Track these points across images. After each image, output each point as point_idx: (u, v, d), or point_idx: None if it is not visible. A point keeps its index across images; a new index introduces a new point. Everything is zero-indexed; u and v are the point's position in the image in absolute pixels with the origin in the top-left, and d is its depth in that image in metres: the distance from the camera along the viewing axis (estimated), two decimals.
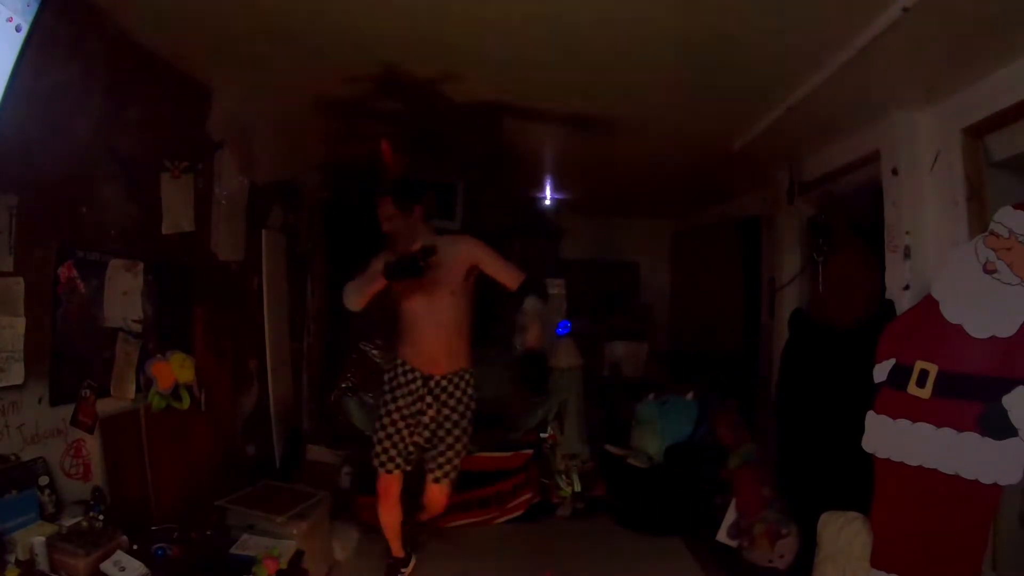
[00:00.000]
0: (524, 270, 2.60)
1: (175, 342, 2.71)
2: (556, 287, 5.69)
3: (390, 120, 3.45)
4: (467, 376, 2.69)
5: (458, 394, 2.65)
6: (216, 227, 3.11)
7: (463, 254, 2.55)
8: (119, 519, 2.08)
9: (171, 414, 2.63)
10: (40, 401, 2.02)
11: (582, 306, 5.83)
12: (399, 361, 2.67)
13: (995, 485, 2.08)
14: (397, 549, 2.91)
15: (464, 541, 3.64)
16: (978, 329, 2.16)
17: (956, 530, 2.16)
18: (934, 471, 2.19)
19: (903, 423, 2.28)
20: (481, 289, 2.80)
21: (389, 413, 2.63)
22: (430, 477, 2.74)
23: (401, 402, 2.61)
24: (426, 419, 2.63)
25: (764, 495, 3.18)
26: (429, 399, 2.62)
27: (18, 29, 1.49)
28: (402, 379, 2.64)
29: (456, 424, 2.65)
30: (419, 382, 2.60)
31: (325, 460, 3.96)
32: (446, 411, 2.62)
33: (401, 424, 2.63)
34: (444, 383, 2.62)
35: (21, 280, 1.92)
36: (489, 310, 5.69)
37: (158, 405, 2.56)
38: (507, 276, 2.57)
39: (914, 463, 2.24)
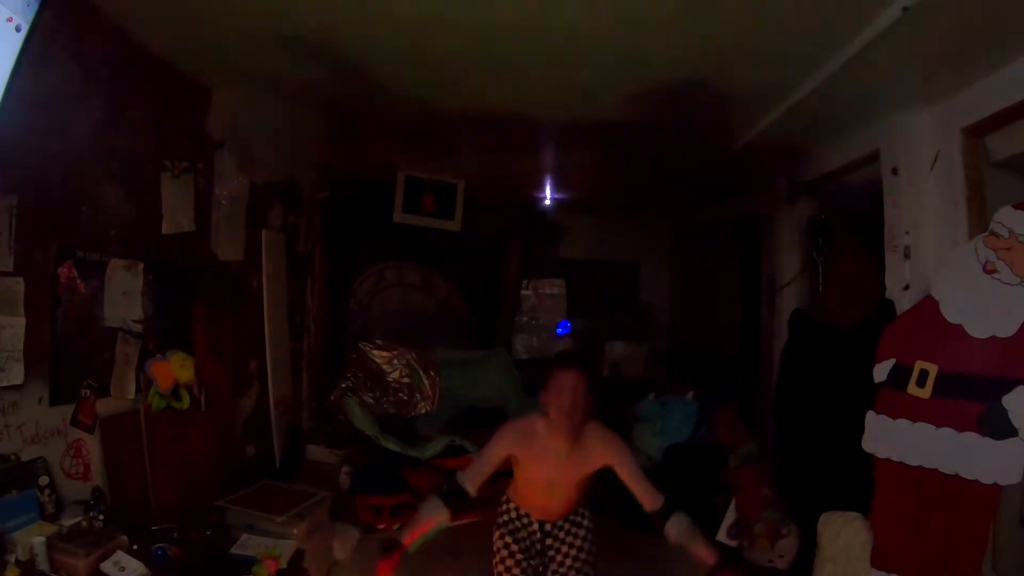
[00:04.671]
0: (659, 493, 2.14)
1: (175, 342, 2.71)
2: (556, 287, 5.71)
3: (390, 121, 3.45)
4: (584, 512, 2.33)
5: (579, 532, 2.30)
6: (216, 227, 3.11)
7: (602, 454, 2.16)
8: (119, 519, 2.08)
9: (171, 414, 2.63)
10: (40, 401, 2.02)
11: (582, 306, 5.84)
12: (511, 503, 2.34)
13: (995, 485, 2.08)
14: None
15: (464, 541, 3.64)
16: (978, 329, 2.16)
17: (956, 530, 2.16)
18: (934, 471, 2.19)
19: (903, 423, 2.28)
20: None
21: (503, 560, 2.27)
22: None
23: (515, 547, 2.26)
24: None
25: (764, 495, 3.18)
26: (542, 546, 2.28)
27: (18, 29, 1.49)
28: (517, 523, 2.30)
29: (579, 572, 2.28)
30: (534, 526, 2.28)
31: (325, 460, 3.97)
32: (568, 561, 2.25)
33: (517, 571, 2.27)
34: (561, 523, 2.28)
35: (21, 280, 1.92)
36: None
37: (158, 405, 2.56)
38: (644, 493, 2.14)
39: (914, 463, 2.24)
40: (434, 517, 2.15)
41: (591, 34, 2.27)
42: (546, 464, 2.13)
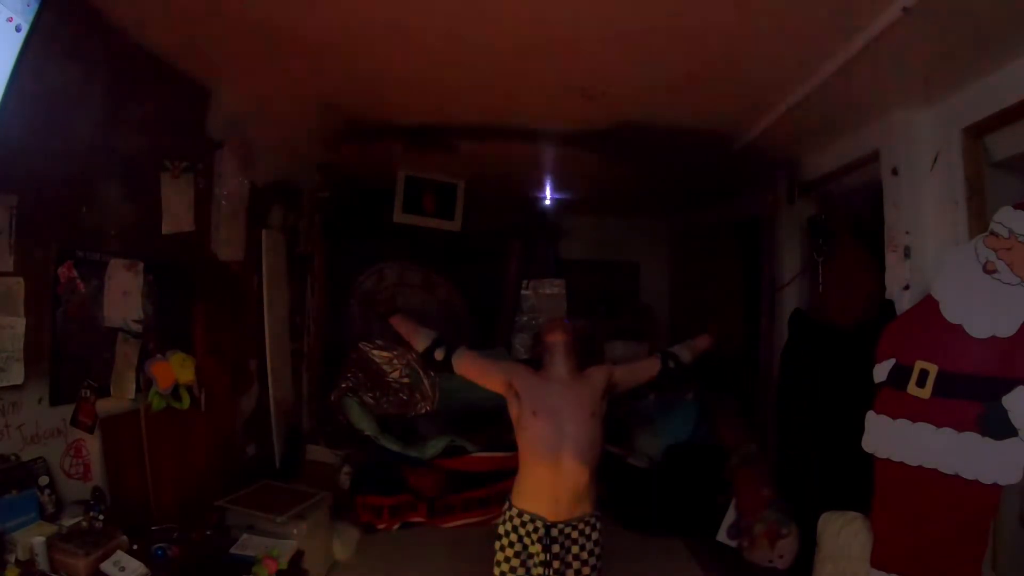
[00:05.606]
0: (658, 355, 2.41)
1: (175, 342, 2.71)
2: (556, 287, 5.70)
3: (391, 121, 3.45)
4: (594, 521, 2.23)
5: (587, 544, 2.18)
6: (216, 227, 3.11)
7: (599, 373, 2.27)
8: (119, 519, 2.08)
9: (171, 414, 2.62)
10: (40, 401, 2.02)
11: (582, 306, 5.83)
12: (514, 509, 2.21)
13: (995, 485, 2.08)
14: None
15: (464, 541, 3.64)
16: (978, 329, 2.16)
17: (956, 530, 2.16)
18: (934, 471, 2.19)
19: (903, 423, 2.28)
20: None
21: (504, 573, 2.19)
22: None
23: (516, 560, 2.15)
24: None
25: (764, 495, 3.18)
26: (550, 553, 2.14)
27: (18, 29, 1.50)
28: (521, 530, 2.17)
29: None
30: (540, 531, 2.14)
31: (325, 460, 3.97)
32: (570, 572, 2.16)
33: None
34: (568, 531, 2.15)
35: (21, 280, 1.92)
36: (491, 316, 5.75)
37: (158, 405, 2.56)
38: (647, 370, 2.36)
39: (914, 463, 2.24)
40: (419, 341, 2.38)
41: (591, 32, 2.27)
42: (550, 393, 2.17)
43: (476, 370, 2.34)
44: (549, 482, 2.13)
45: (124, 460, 2.39)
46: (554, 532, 2.13)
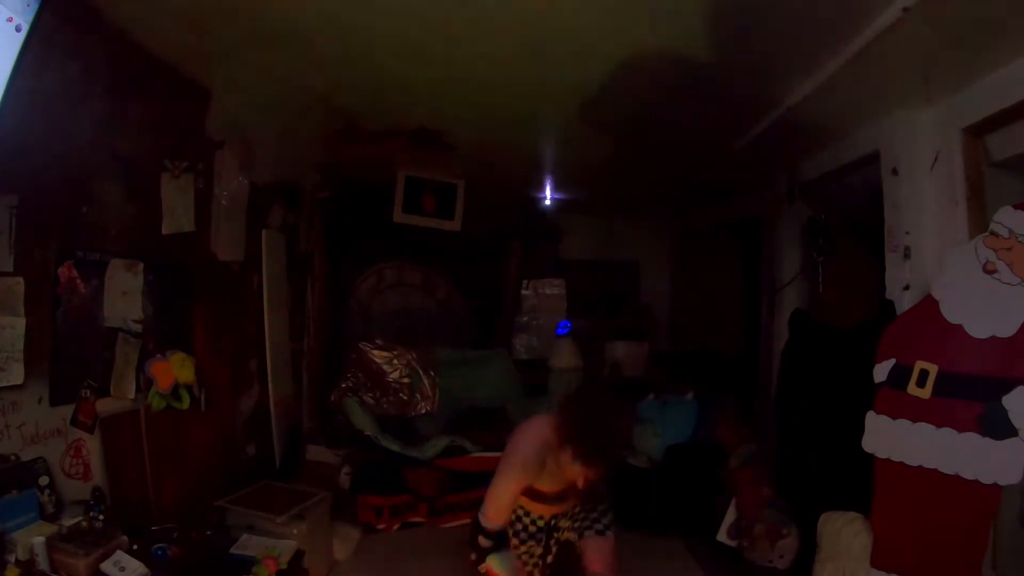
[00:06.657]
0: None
1: (175, 342, 2.71)
2: (556, 287, 5.70)
3: (391, 121, 3.45)
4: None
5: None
6: (216, 227, 3.11)
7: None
8: (119, 519, 2.08)
9: (171, 414, 2.62)
10: (40, 401, 2.02)
11: (582, 306, 5.84)
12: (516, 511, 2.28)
13: (995, 485, 2.08)
14: None
15: (464, 541, 3.64)
16: (978, 329, 2.16)
17: (956, 530, 2.16)
18: (934, 471, 2.19)
19: (903, 423, 2.28)
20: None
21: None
22: (589, 534, 2.31)
23: (527, 556, 2.29)
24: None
25: (764, 495, 3.18)
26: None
27: (18, 29, 1.49)
28: (518, 525, 2.30)
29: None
30: (539, 523, 2.28)
31: (325, 460, 3.97)
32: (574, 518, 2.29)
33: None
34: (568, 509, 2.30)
35: (21, 280, 1.92)
36: (491, 317, 5.77)
37: (158, 405, 2.56)
38: None
39: (914, 463, 2.24)
40: (510, 567, 2.14)
41: (590, 30, 2.27)
42: (557, 480, 2.10)
43: (510, 505, 2.13)
44: (548, 507, 2.26)
45: (124, 460, 2.39)
46: (553, 521, 2.28)
